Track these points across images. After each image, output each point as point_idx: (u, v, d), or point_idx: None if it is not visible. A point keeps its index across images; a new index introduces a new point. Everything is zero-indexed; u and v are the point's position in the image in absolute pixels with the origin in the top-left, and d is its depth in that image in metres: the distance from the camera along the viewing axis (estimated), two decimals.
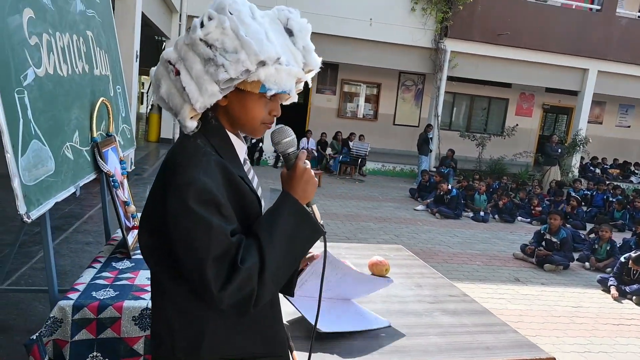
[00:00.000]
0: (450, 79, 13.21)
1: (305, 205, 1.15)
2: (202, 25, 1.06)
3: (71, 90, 2.36)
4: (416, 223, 8.31)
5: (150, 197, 1.14)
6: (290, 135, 1.20)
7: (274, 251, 1.06)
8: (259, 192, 1.24)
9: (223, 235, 1.04)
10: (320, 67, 1.24)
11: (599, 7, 13.84)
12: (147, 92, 20.97)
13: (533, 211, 9.67)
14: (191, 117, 1.10)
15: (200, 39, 1.06)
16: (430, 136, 12.42)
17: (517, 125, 14.58)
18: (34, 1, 1.98)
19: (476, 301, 1.96)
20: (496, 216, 9.44)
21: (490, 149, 13.94)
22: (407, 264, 2.35)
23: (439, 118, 13.36)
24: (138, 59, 7.47)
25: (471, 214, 9.34)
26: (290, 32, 1.15)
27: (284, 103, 1.23)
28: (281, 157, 1.21)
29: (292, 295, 1.34)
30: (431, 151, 12.60)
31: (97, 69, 2.86)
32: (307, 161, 1.18)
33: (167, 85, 1.11)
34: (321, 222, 1.17)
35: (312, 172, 1.17)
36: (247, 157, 1.27)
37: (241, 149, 1.21)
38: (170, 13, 11.06)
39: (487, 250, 7.10)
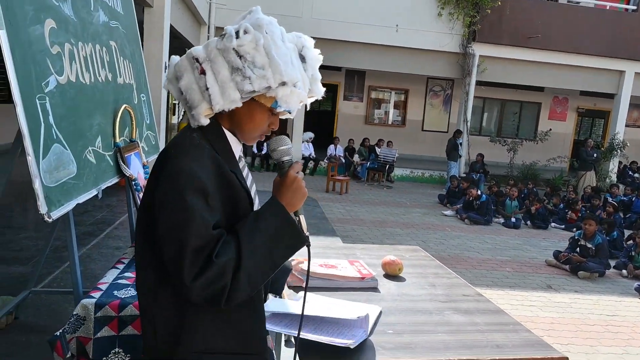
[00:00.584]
0: (479, 83, 13.02)
1: (293, 214, 1.18)
2: (237, 36, 1.12)
3: (94, 97, 2.46)
4: (445, 229, 8.18)
5: (145, 190, 1.19)
6: (286, 144, 1.24)
7: (252, 251, 1.08)
8: (253, 191, 1.27)
9: (204, 228, 1.06)
10: (322, 97, 1.32)
11: (634, 7, 13.39)
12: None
13: (568, 217, 9.38)
14: (205, 115, 1.17)
15: (234, 49, 1.12)
16: (460, 142, 12.24)
17: (550, 129, 14.22)
18: (55, 12, 2.09)
19: (490, 301, 1.92)
20: (528, 222, 9.19)
21: (522, 154, 13.63)
22: (422, 264, 2.32)
23: (469, 123, 13.17)
24: (167, 70, 7.68)
25: (502, 220, 9.14)
26: (302, 59, 1.22)
27: (282, 117, 1.30)
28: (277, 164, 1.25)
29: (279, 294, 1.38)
30: (460, 157, 12.41)
31: (120, 77, 2.97)
32: (300, 172, 1.22)
33: (188, 80, 1.16)
34: (307, 233, 1.19)
35: (303, 182, 1.21)
36: (242, 155, 1.31)
37: (237, 146, 1.26)
38: (199, 25, 11.34)
39: (518, 257, 6.92)
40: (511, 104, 16.34)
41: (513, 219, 9.02)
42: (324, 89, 1.29)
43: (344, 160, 12.84)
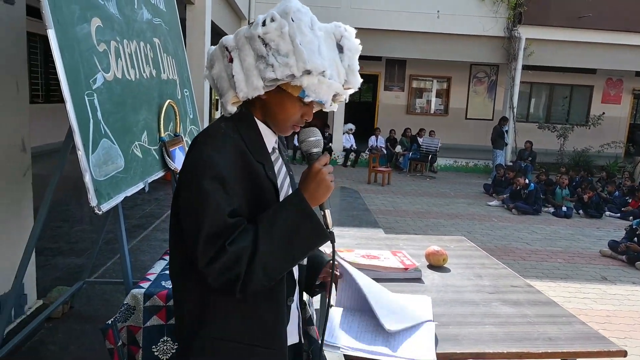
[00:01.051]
0: (526, 68, 12.52)
1: (319, 208, 1.17)
2: (264, 23, 1.13)
3: (139, 93, 2.53)
4: (491, 219, 7.96)
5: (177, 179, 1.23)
6: (315, 136, 1.22)
7: (269, 241, 1.09)
8: (286, 183, 1.28)
9: (219, 214, 1.08)
10: (360, 88, 1.28)
11: None
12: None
13: (623, 209, 8.90)
14: (233, 103, 1.18)
15: (259, 36, 1.12)
16: (505, 129, 11.84)
17: (603, 113, 13.54)
18: (101, 11, 2.15)
19: (541, 292, 1.84)
20: (580, 211, 8.80)
21: (573, 140, 13.04)
22: (467, 254, 2.26)
23: (515, 110, 12.71)
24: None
25: (552, 210, 8.79)
26: (340, 49, 1.20)
27: (324, 109, 1.27)
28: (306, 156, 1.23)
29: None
30: (506, 145, 12.01)
31: (164, 73, 3.03)
32: (330, 165, 1.19)
33: (219, 68, 1.19)
34: (332, 228, 1.17)
35: (329, 176, 1.17)
36: (277, 147, 1.30)
37: (271, 137, 1.26)
38: (239, 20, 11.48)
39: (570, 247, 6.64)
40: (561, 88, 15.64)
41: (564, 208, 8.66)
42: (362, 80, 1.25)
43: (385, 152, 12.71)
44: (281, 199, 1.23)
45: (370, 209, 7.90)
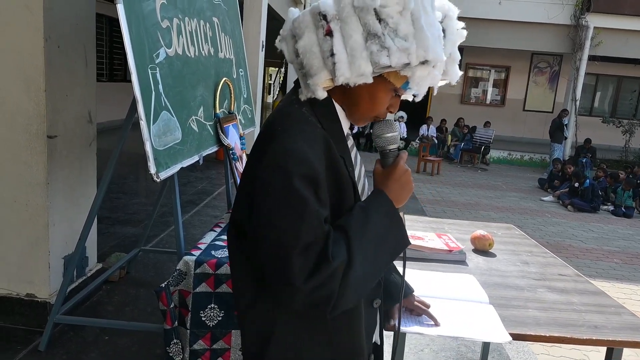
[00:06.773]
0: (592, 58, 11.87)
1: None
2: None
3: (197, 69, 2.63)
4: (544, 215, 7.69)
5: (245, 168, 1.01)
6: (394, 131, 1.05)
7: (362, 253, 0.92)
8: (362, 173, 1.10)
9: (317, 221, 0.89)
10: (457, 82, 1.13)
11: None
12: (273, 83, 22.12)
13: None
14: (324, 87, 0.96)
15: (375, 9, 0.89)
16: (565, 122, 11.32)
17: None
18: None
19: (590, 282, 1.79)
20: None
21: None
22: (515, 242, 2.22)
23: (577, 102, 12.10)
24: (264, 49, 7.94)
25: (611, 208, 8.37)
26: (442, 32, 0.98)
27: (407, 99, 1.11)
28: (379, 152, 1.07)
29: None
30: (566, 138, 11.49)
31: (221, 52, 3.13)
32: (407, 167, 1.05)
33: (309, 41, 0.94)
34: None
35: (411, 177, 1.05)
36: (350, 133, 1.10)
37: (345, 124, 1.06)
38: (295, 5, 11.53)
39: (629, 248, 6.33)
40: (629, 81, 14.72)
41: (623, 208, 8.23)
42: (461, 72, 1.07)
43: (436, 141, 12.48)
44: (359, 188, 1.05)
45: (417, 197, 7.82)
